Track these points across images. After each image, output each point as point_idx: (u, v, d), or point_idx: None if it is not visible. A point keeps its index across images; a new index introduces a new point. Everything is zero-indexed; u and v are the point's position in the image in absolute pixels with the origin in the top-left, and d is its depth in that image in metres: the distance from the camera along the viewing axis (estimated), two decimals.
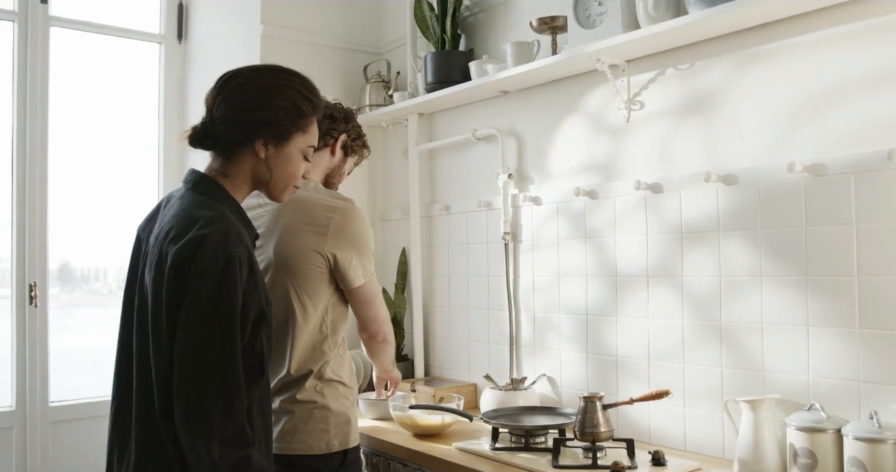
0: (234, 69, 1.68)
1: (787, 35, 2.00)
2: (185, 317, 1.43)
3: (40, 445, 3.13)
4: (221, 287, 1.44)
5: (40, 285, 3.17)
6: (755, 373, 2.05)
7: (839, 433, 1.77)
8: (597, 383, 2.47)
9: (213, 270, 1.43)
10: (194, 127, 1.65)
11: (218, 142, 1.63)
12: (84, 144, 3.42)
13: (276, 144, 1.65)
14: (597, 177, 2.50)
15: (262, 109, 1.61)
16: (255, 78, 1.64)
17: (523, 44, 2.63)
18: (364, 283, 2.06)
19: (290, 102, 1.64)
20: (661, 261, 2.29)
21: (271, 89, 1.63)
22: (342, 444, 2.02)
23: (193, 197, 1.60)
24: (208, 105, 1.65)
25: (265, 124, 1.62)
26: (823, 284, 1.92)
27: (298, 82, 1.69)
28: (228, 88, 1.63)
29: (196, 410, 1.41)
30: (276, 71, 1.69)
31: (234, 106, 1.61)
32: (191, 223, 1.50)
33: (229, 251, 1.46)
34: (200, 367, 1.42)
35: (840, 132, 1.90)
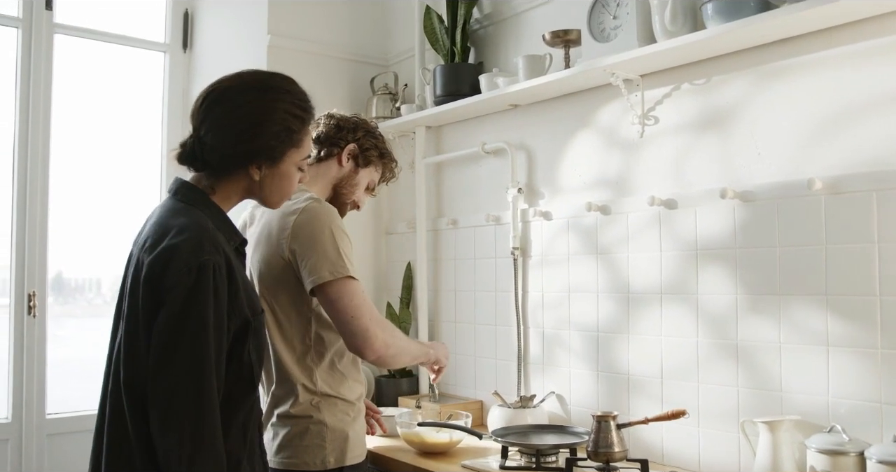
0: (218, 84, 1.60)
1: (808, 51, 1.98)
2: (158, 329, 1.41)
3: (36, 457, 3.07)
4: (194, 298, 1.41)
5: (39, 295, 3.12)
6: (772, 393, 2.02)
7: (862, 456, 1.73)
8: (607, 401, 2.43)
9: (185, 281, 1.40)
10: (182, 144, 1.59)
11: (208, 166, 1.58)
12: (86, 152, 3.38)
13: (271, 165, 1.61)
14: (609, 192, 2.47)
15: (255, 138, 1.56)
16: (243, 102, 1.56)
17: (535, 57, 2.60)
18: (328, 281, 1.85)
19: (281, 124, 1.58)
20: (675, 278, 2.26)
21: (262, 115, 1.56)
22: (338, 461, 1.94)
23: (172, 204, 1.58)
24: (194, 124, 1.59)
25: (258, 152, 1.57)
26: (844, 303, 1.88)
27: (288, 98, 1.61)
28: (216, 113, 1.56)
29: (168, 422, 1.38)
30: (264, 89, 1.60)
31: (225, 136, 1.55)
32: (164, 232, 1.48)
33: (202, 260, 1.42)
34: (171, 379, 1.39)
35: (861, 149, 1.87)
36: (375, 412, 2.37)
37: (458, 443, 2.41)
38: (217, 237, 1.50)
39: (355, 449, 1.99)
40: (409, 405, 2.83)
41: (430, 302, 3.16)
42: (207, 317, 1.41)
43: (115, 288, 3.58)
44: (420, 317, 3.14)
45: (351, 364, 2.04)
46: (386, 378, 3.11)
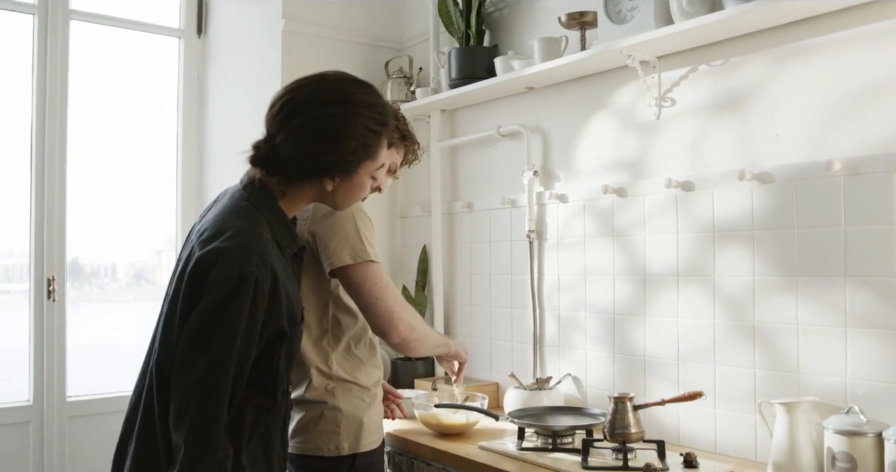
0: (297, 90, 1.57)
1: (826, 31, 1.97)
2: (189, 327, 1.43)
3: (57, 440, 3.11)
4: (228, 306, 1.41)
5: (58, 280, 3.15)
6: (790, 375, 2.02)
7: (880, 436, 1.74)
8: (623, 383, 2.44)
9: (224, 287, 1.41)
10: (256, 147, 1.57)
11: (282, 173, 1.57)
12: (102, 139, 3.40)
13: (345, 177, 1.60)
14: (626, 175, 2.47)
15: (332, 153, 1.54)
16: (323, 116, 1.53)
17: (551, 39, 2.59)
18: (351, 264, 1.86)
19: (359, 140, 1.56)
20: (691, 260, 2.26)
21: (341, 130, 1.54)
22: (352, 448, 1.95)
23: (238, 202, 1.58)
24: (270, 129, 1.56)
25: (334, 166, 1.57)
26: (863, 284, 1.88)
27: (367, 112, 1.57)
28: (294, 124, 1.53)
29: (179, 420, 1.40)
30: (343, 102, 1.56)
31: (301, 148, 1.53)
32: (220, 231, 1.49)
33: (245, 271, 1.42)
34: (190, 381, 1.41)
35: (881, 130, 1.86)
36: (396, 397, 2.38)
37: (474, 425, 2.43)
38: (268, 248, 1.49)
39: (370, 436, 1.99)
40: (425, 387, 2.85)
41: (445, 285, 3.17)
42: (238, 326, 1.42)
43: (129, 273, 3.64)
44: (436, 300, 3.15)
45: (368, 349, 2.04)
46: (402, 361, 3.12)
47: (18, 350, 3.12)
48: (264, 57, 3.28)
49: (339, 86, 1.59)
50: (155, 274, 3.71)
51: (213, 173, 3.56)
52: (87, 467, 3.13)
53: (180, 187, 3.58)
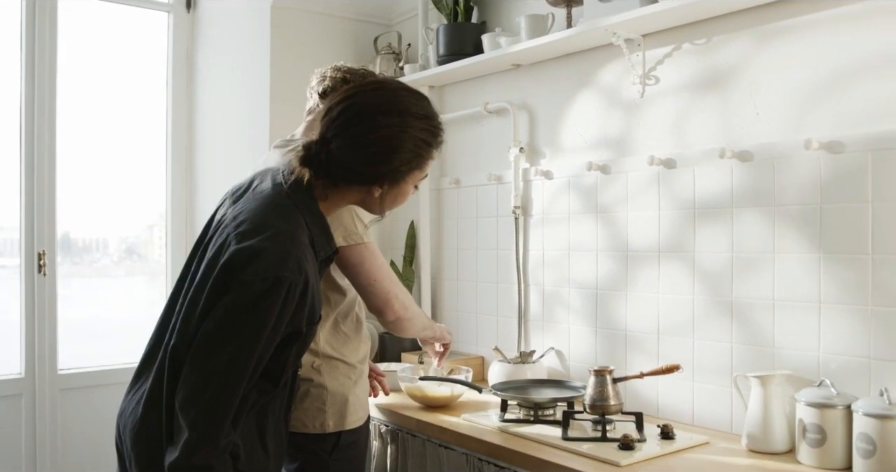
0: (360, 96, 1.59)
1: (807, 11, 1.99)
2: (215, 316, 1.43)
3: (49, 412, 3.16)
4: (256, 306, 1.42)
5: (49, 254, 3.18)
6: (765, 349, 2.07)
7: (849, 409, 1.79)
8: (605, 357, 2.49)
9: (257, 287, 1.42)
10: (308, 147, 1.58)
11: (331, 177, 1.59)
12: (91, 113, 3.41)
13: (393, 186, 1.63)
14: (610, 152, 2.50)
15: (386, 163, 1.57)
16: (381, 126, 1.55)
17: (537, 17, 2.61)
18: (344, 246, 1.89)
19: (413, 152, 1.59)
20: (673, 237, 2.30)
21: (398, 141, 1.57)
22: (337, 425, 1.97)
23: (278, 199, 1.57)
24: (325, 133, 1.58)
25: (386, 175, 1.60)
26: (837, 261, 1.92)
27: (423, 125, 1.61)
28: (352, 132, 1.55)
29: (187, 407, 1.41)
30: (402, 114, 1.58)
31: (357, 156, 1.56)
32: (261, 228, 1.49)
33: (281, 275, 1.43)
34: (208, 369, 1.42)
35: (858, 110, 1.89)
36: (379, 374, 2.42)
37: (458, 397, 2.47)
38: (306, 254, 1.51)
39: (355, 413, 2.01)
40: (411, 360, 2.89)
41: (432, 260, 3.21)
42: (265, 326, 1.43)
43: (121, 248, 3.66)
44: (423, 275, 3.19)
45: (354, 325, 2.06)
46: (389, 335, 3.16)
47: (10, 324, 3.15)
48: (253, 32, 3.29)
49: (398, 96, 1.61)
50: (147, 249, 3.74)
51: (203, 148, 3.58)
52: (79, 438, 3.18)
53: (170, 162, 3.60)
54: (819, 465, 1.82)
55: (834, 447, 1.80)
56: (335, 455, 1.98)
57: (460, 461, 2.18)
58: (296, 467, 1.98)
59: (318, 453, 1.97)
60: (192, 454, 1.39)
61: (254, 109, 3.27)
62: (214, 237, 1.57)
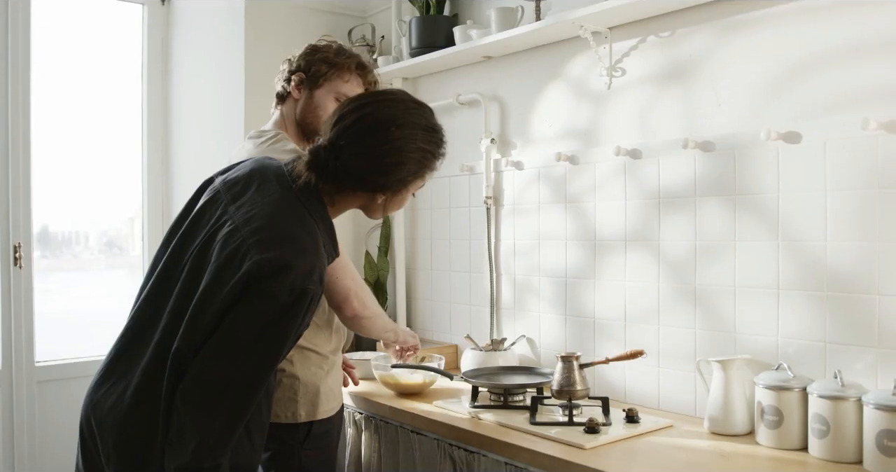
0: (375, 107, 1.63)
1: (767, 5, 2.04)
2: (235, 324, 1.45)
3: (27, 403, 3.17)
4: (283, 318, 1.46)
5: (24, 247, 3.18)
6: (727, 334, 2.12)
7: (805, 391, 1.85)
8: (574, 344, 2.54)
9: (285, 299, 1.44)
10: (315, 152, 1.61)
11: (338, 182, 1.62)
12: (67, 106, 3.41)
13: (395, 193, 1.68)
14: (578, 143, 2.54)
15: (393, 173, 1.62)
16: (393, 138, 1.59)
17: (507, 9, 2.64)
18: None
19: (420, 164, 1.65)
20: (638, 225, 2.35)
21: (406, 154, 1.61)
22: (309, 415, 2.00)
23: (294, 206, 1.59)
24: (336, 140, 1.60)
25: (391, 184, 1.64)
26: (794, 248, 1.98)
27: (432, 137, 1.67)
28: (365, 142, 1.59)
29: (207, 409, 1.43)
30: (415, 127, 1.63)
31: (366, 164, 1.60)
32: (283, 239, 1.50)
33: (307, 288, 1.46)
34: (230, 376, 1.44)
35: (814, 101, 1.95)
36: (349, 367, 2.46)
37: (431, 384, 2.52)
38: (325, 264, 1.55)
39: (327, 403, 2.04)
40: (383, 349, 2.93)
41: (407, 251, 3.25)
42: (288, 336, 1.48)
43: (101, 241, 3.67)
44: (398, 265, 3.23)
45: (326, 317, 2.08)
46: None
47: None
48: (228, 24, 3.30)
49: (409, 109, 1.66)
50: (127, 242, 3.75)
51: (178, 140, 3.59)
52: (56, 429, 3.19)
53: (146, 155, 3.61)
54: (776, 445, 1.87)
55: (790, 428, 1.86)
56: (307, 445, 2.01)
57: (431, 446, 2.22)
58: (268, 456, 2.00)
59: (290, 442, 1.99)
60: (204, 459, 1.42)
61: (229, 101, 3.29)
62: (220, 238, 1.54)
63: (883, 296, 1.81)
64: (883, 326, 1.81)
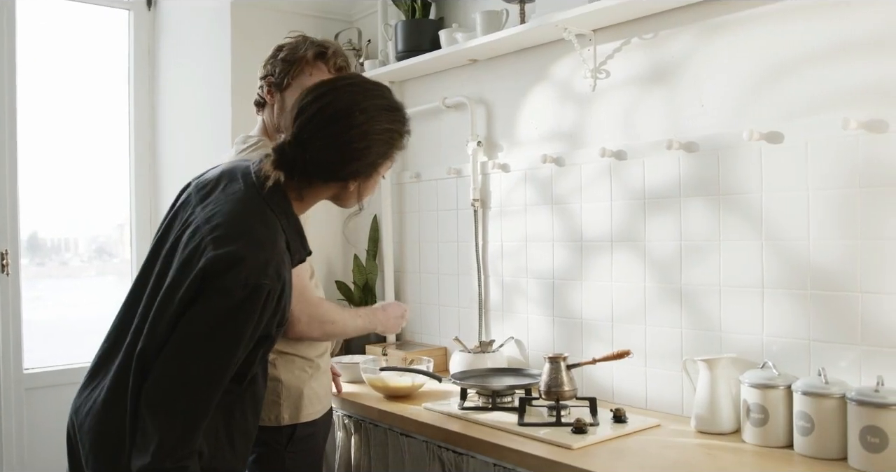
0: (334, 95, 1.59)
1: (747, 6, 2.06)
2: (191, 322, 1.44)
3: (15, 411, 3.16)
4: (236, 314, 1.43)
5: (12, 254, 3.17)
6: (713, 334, 2.14)
7: (789, 389, 1.86)
8: (562, 345, 2.55)
9: (237, 294, 1.42)
10: (279, 150, 1.57)
11: (307, 176, 1.60)
12: (54, 112, 3.40)
13: (366, 178, 1.65)
14: (563, 145, 2.55)
15: (363, 157, 1.59)
16: (356, 124, 1.56)
17: (492, 13, 2.65)
18: None
19: (387, 144, 1.62)
20: (624, 226, 2.36)
21: (371, 137, 1.58)
22: (292, 418, 1.98)
23: (253, 201, 1.57)
24: (300, 132, 1.57)
25: (362, 170, 1.61)
26: (778, 247, 1.99)
27: (394, 118, 1.63)
28: (330, 131, 1.56)
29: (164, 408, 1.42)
30: (377, 110, 1.60)
31: (335, 153, 1.57)
32: (239, 234, 1.48)
33: (260, 282, 1.44)
34: (185, 375, 1.43)
35: (796, 101, 1.96)
36: (335, 374, 2.46)
37: (420, 387, 2.52)
38: (284, 260, 1.52)
39: (311, 406, 2.02)
40: (375, 352, 2.94)
41: (395, 253, 3.26)
42: (243, 334, 1.44)
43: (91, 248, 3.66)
44: (386, 268, 3.23)
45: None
46: None
47: None
48: (214, 29, 3.30)
49: (368, 91, 1.63)
50: (117, 248, 3.74)
51: (166, 146, 3.59)
52: (45, 436, 3.18)
53: (133, 161, 3.60)
54: (762, 443, 1.89)
55: (776, 426, 1.87)
56: (291, 448, 2.00)
57: (420, 448, 2.23)
58: (253, 459, 2.00)
59: (274, 445, 1.99)
60: (164, 460, 1.40)
61: (215, 106, 3.29)
62: (184, 239, 1.55)
63: (865, 294, 1.83)
64: (866, 323, 1.83)
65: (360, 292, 3.24)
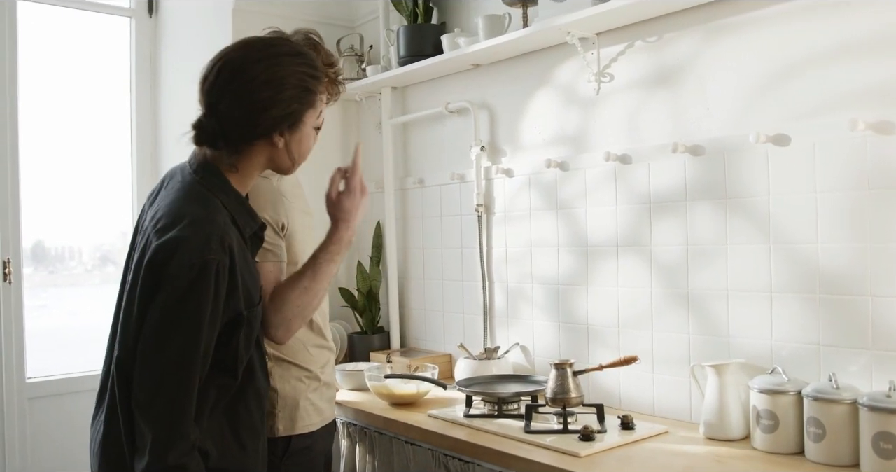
0: (228, 57, 1.59)
1: (752, 8, 2.04)
2: (152, 315, 1.44)
3: (18, 420, 3.14)
4: (190, 295, 1.43)
5: (14, 262, 3.16)
6: (721, 339, 2.11)
7: (799, 394, 1.83)
8: (568, 351, 2.52)
9: (186, 276, 1.42)
10: (197, 125, 1.57)
11: (230, 142, 1.58)
12: (56, 120, 3.39)
13: (293, 130, 1.62)
14: (567, 149, 2.53)
15: (275, 105, 1.56)
16: (258, 72, 1.55)
17: (494, 17, 2.64)
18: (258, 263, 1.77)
19: (299, 88, 1.59)
20: (630, 231, 2.34)
21: (278, 81, 1.56)
22: (287, 429, 1.92)
23: (191, 186, 1.57)
24: (209, 100, 1.57)
25: (280, 119, 1.58)
26: (786, 251, 1.97)
27: (300, 60, 1.60)
28: (235, 86, 1.55)
29: (148, 406, 1.42)
30: (275, 55, 1.58)
31: (244, 107, 1.55)
32: (178, 219, 1.49)
33: (207, 258, 1.43)
34: (159, 365, 1.43)
35: (802, 103, 1.94)
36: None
37: (425, 394, 2.50)
38: (227, 233, 1.50)
39: (307, 418, 1.96)
40: (380, 359, 2.92)
41: (399, 260, 3.24)
42: (203, 313, 1.44)
43: (95, 256, 3.65)
44: (390, 275, 3.21)
45: (309, 330, 2.01)
46: (358, 334, 3.19)
47: None
48: (216, 36, 3.29)
49: (266, 43, 1.62)
50: (121, 256, 3.72)
51: (168, 153, 3.57)
52: (48, 446, 3.16)
53: (135, 168, 3.59)
54: (772, 450, 1.86)
55: (786, 433, 1.85)
56: (287, 460, 1.94)
57: (426, 457, 2.20)
58: None
59: (270, 456, 1.90)
60: (163, 455, 1.40)
61: None
62: (138, 243, 1.57)
63: (876, 297, 1.80)
64: (876, 327, 1.80)
65: (363, 299, 3.21)
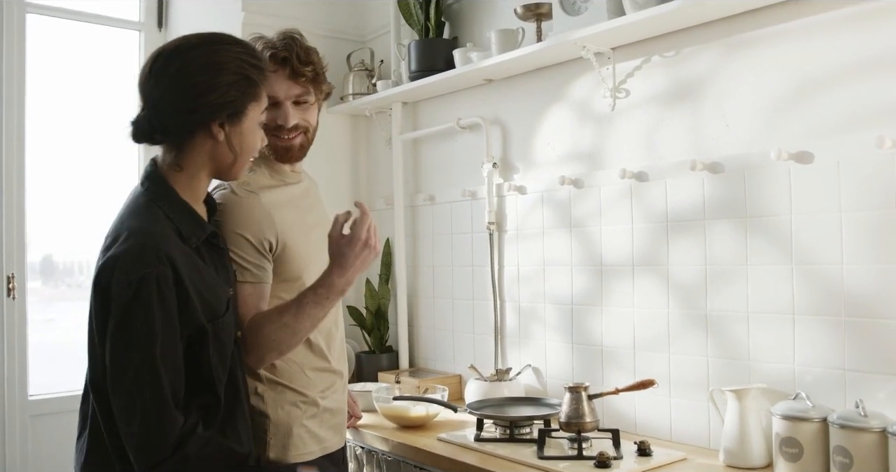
0: (164, 47, 1.53)
1: (773, 22, 1.99)
2: (108, 341, 1.40)
3: (19, 438, 3.09)
4: (135, 311, 1.38)
5: (18, 277, 3.12)
6: (741, 362, 2.04)
7: (825, 421, 1.76)
8: (582, 373, 2.46)
9: (125, 294, 1.38)
10: (134, 121, 1.52)
11: (168, 134, 1.53)
12: (64, 134, 3.36)
13: (233, 122, 1.54)
14: (582, 166, 2.48)
15: (212, 90, 1.49)
16: (193, 57, 1.50)
17: (508, 31, 2.60)
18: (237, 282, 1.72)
19: (238, 74, 1.52)
20: (646, 250, 2.28)
21: (215, 66, 1.49)
22: (278, 457, 1.80)
23: (134, 200, 1.54)
24: (144, 92, 1.52)
25: (218, 107, 1.51)
26: (809, 272, 1.90)
27: (238, 48, 1.55)
28: (168, 72, 1.49)
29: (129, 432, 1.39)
30: (213, 42, 1.53)
31: (180, 92, 1.48)
32: (118, 235, 1.46)
33: (143, 273, 1.38)
34: (125, 391, 1.39)
35: (826, 119, 1.89)
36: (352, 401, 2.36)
37: (434, 417, 2.44)
38: (165, 243, 1.45)
39: (302, 446, 1.84)
40: (388, 380, 2.85)
41: (408, 278, 3.18)
42: (152, 328, 1.39)
43: None
44: (399, 293, 3.15)
45: (309, 351, 1.88)
46: (367, 354, 3.13)
47: None
48: None
49: (203, 34, 1.57)
50: None
51: None
52: (50, 464, 3.11)
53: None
54: None
55: (811, 461, 1.77)
56: None
57: None
58: None
59: None
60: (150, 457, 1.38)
61: None
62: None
63: None
64: None
65: (372, 318, 3.16)
